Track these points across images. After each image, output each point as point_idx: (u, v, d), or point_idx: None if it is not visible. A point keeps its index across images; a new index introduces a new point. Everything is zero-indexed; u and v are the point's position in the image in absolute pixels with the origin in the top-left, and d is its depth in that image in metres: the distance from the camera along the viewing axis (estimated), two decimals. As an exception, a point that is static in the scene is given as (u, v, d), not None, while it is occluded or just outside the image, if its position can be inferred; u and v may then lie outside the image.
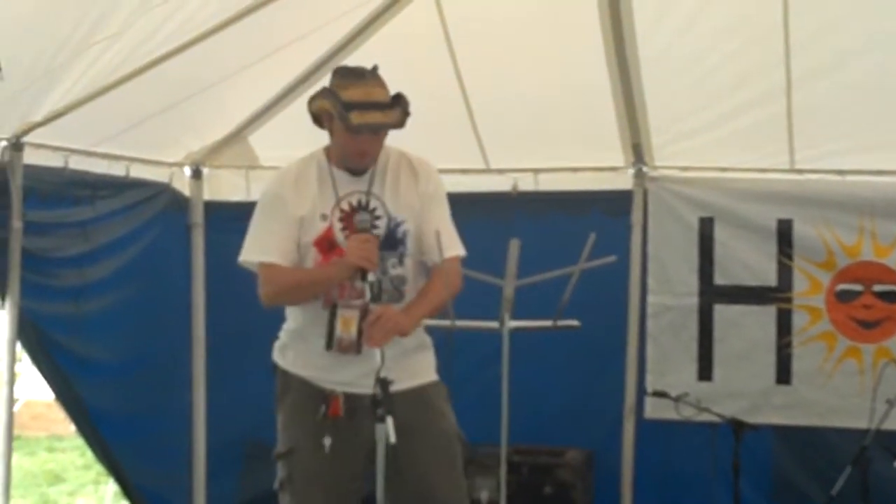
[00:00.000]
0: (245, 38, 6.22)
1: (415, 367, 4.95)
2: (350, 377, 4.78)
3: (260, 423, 5.51)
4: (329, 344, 4.75)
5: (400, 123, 4.71)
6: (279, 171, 5.00)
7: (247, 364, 6.74)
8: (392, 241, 4.85)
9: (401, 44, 6.57)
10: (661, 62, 6.70)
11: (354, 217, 4.77)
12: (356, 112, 4.61)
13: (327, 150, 4.90)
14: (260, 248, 4.85)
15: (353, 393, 4.80)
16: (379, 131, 4.72)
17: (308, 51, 6.81)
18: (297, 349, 4.98)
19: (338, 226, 4.81)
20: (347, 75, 4.73)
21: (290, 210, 4.81)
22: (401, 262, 4.88)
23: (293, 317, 4.99)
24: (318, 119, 4.85)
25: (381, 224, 4.82)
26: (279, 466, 4.99)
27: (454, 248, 4.86)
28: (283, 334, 5.06)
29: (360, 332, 4.64)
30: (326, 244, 4.81)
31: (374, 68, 4.75)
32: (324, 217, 4.82)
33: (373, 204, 4.82)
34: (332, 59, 6.83)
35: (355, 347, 4.69)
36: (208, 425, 7.95)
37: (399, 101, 4.71)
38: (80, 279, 7.05)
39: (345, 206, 4.83)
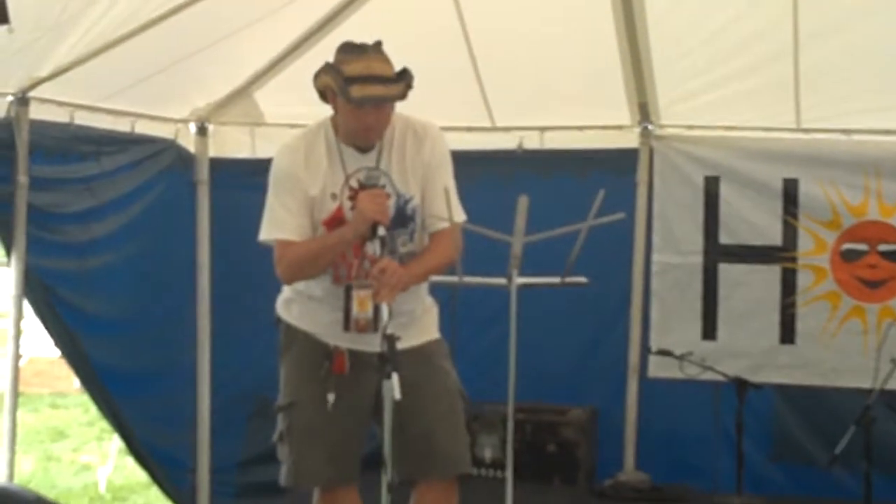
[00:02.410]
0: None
1: (419, 326, 5.01)
2: (353, 335, 4.82)
3: (264, 380, 5.55)
4: (347, 325, 4.78)
5: (402, 96, 4.71)
6: (288, 144, 4.98)
7: (251, 321, 6.77)
8: (402, 218, 4.88)
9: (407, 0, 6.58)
10: (668, 21, 6.70)
11: (362, 176, 4.80)
12: (357, 85, 4.62)
13: (334, 122, 4.90)
14: (276, 226, 4.86)
15: (357, 350, 4.85)
16: (381, 105, 4.71)
17: (314, 7, 6.81)
18: (302, 305, 5.02)
19: (347, 205, 4.82)
20: (349, 50, 4.73)
21: (304, 186, 4.83)
22: (411, 238, 4.93)
23: (302, 283, 5.01)
24: (324, 95, 4.86)
25: (391, 202, 4.83)
26: (279, 419, 5.04)
27: (457, 214, 4.88)
28: (288, 290, 5.09)
29: (376, 311, 4.66)
30: (336, 224, 4.84)
31: (378, 43, 4.75)
32: (334, 197, 4.84)
33: (381, 181, 4.83)
34: (337, 16, 6.84)
35: (372, 326, 4.71)
36: (213, 382, 7.98)
37: (404, 76, 4.72)
38: (86, 235, 7.06)
39: (353, 183, 4.84)
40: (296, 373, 5.03)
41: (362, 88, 4.62)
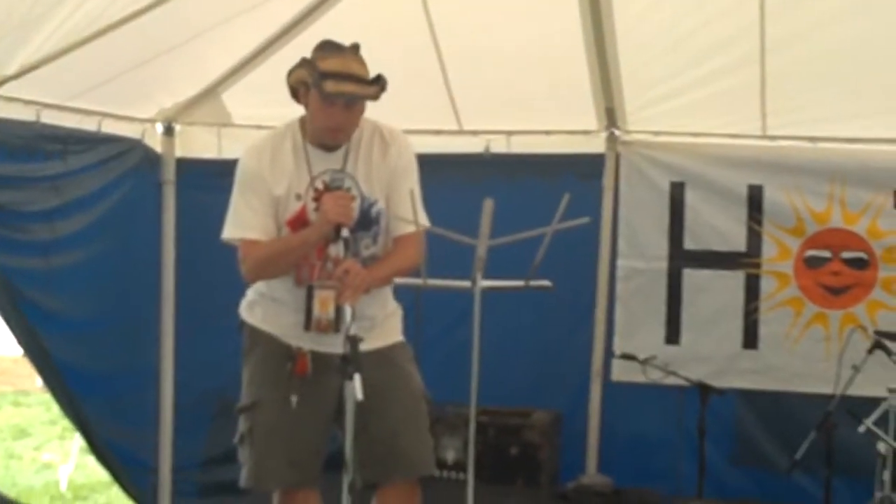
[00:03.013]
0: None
1: (382, 329, 5.03)
2: (318, 336, 4.84)
3: (228, 381, 5.54)
4: (307, 324, 4.80)
5: (374, 97, 4.74)
6: (254, 144, 4.99)
7: (216, 323, 6.74)
8: (366, 221, 4.90)
9: (375, 1, 6.59)
10: (635, 26, 6.74)
11: (327, 178, 4.82)
12: (331, 81, 4.64)
13: (302, 123, 4.92)
14: (241, 225, 4.88)
15: (319, 351, 4.86)
16: (353, 102, 4.73)
17: (282, 8, 6.81)
18: (265, 307, 5.04)
19: (311, 206, 4.85)
20: (327, 48, 4.76)
21: (269, 186, 4.84)
22: (374, 241, 4.96)
23: (264, 283, 5.02)
24: (296, 92, 4.87)
25: (355, 205, 4.85)
26: (241, 420, 5.05)
27: (421, 218, 4.90)
28: (252, 293, 5.11)
29: (337, 311, 4.68)
30: (300, 224, 4.86)
31: (355, 46, 4.77)
32: (298, 197, 4.86)
33: (346, 184, 4.85)
34: (306, 18, 6.84)
35: (333, 326, 4.73)
36: (176, 382, 7.97)
37: (378, 80, 4.75)
38: (51, 234, 7.03)
39: (319, 185, 4.86)
40: (258, 374, 5.04)
41: (337, 84, 4.65)
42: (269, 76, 7.03)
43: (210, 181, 7.28)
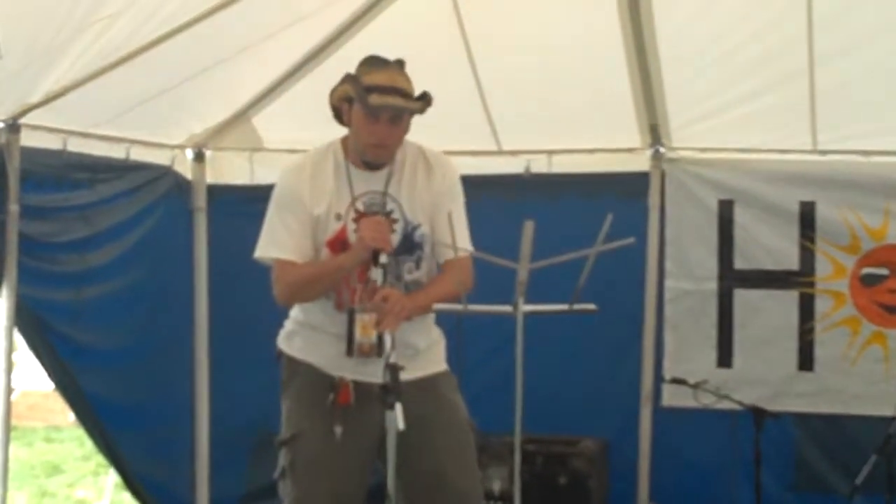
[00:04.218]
0: (249, 16, 6.24)
1: (425, 358, 5.01)
2: (359, 365, 4.80)
3: (266, 412, 5.55)
4: (350, 350, 4.75)
5: (420, 110, 4.75)
6: (294, 163, 4.99)
7: (251, 352, 6.75)
8: (409, 245, 4.89)
9: (409, 20, 6.62)
10: (679, 40, 6.72)
11: (365, 194, 4.82)
12: (376, 94, 4.65)
13: (344, 143, 4.91)
14: (276, 244, 4.86)
15: (362, 381, 4.83)
16: (398, 118, 4.72)
17: (313, 30, 6.83)
18: (305, 337, 5.01)
19: (352, 227, 4.82)
20: (372, 62, 4.77)
21: (307, 207, 4.83)
22: (417, 266, 4.94)
23: (302, 310, 5.01)
24: (339, 112, 4.87)
25: (398, 228, 4.86)
26: (281, 454, 5.00)
27: (463, 243, 4.89)
28: (291, 323, 5.09)
29: (380, 336, 4.66)
30: (339, 245, 4.84)
31: (401, 62, 4.79)
32: (338, 217, 4.84)
33: (389, 206, 4.85)
34: (337, 39, 6.87)
35: (376, 351, 4.68)
36: (212, 415, 8.00)
37: (424, 97, 4.76)
38: (82, 265, 7.09)
39: (360, 206, 4.85)
40: (299, 405, 5.00)
41: (382, 97, 4.65)
42: (302, 98, 7.10)
43: (242, 207, 7.32)
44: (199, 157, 7.98)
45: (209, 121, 7.72)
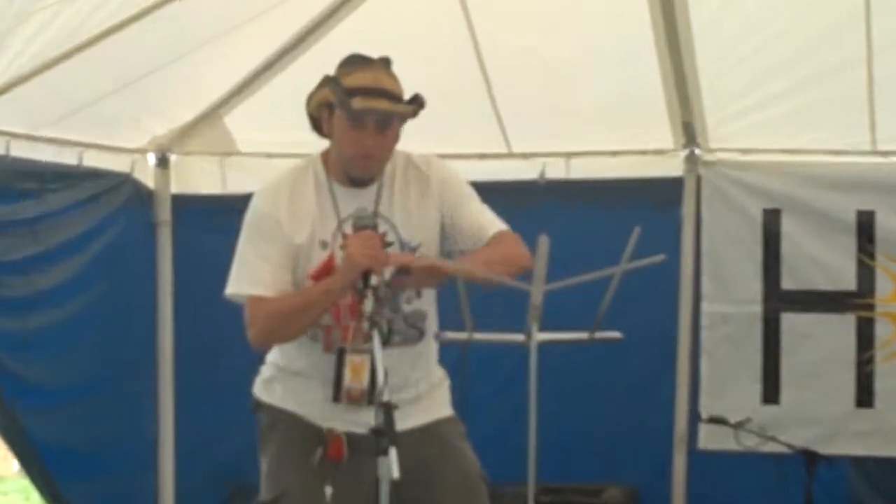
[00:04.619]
0: (220, 1, 6.24)
1: (428, 401, 4.96)
2: (350, 415, 4.73)
3: (241, 458, 5.53)
4: (337, 395, 4.68)
5: (411, 114, 4.69)
6: (270, 184, 4.90)
7: (224, 387, 6.75)
8: (406, 270, 4.84)
9: (403, 5, 6.59)
10: (717, 26, 6.72)
11: (353, 216, 4.77)
12: (360, 97, 4.58)
13: (325, 158, 4.85)
14: (250, 280, 4.76)
15: (356, 433, 4.76)
16: (385, 124, 4.64)
17: (294, 16, 6.82)
18: (286, 383, 4.94)
19: (339, 255, 4.72)
20: (354, 62, 4.70)
21: (286, 235, 4.74)
22: (418, 294, 4.87)
23: (283, 354, 4.94)
24: (318, 122, 4.81)
25: (394, 251, 4.78)
26: (264, 519, 4.98)
27: (497, 225, 4.87)
28: (269, 368, 5.02)
29: (373, 381, 4.61)
30: (326, 277, 4.77)
31: (386, 60, 4.73)
32: (324, 245, 4.76)
33: (381, 227, 4.77)
34: (321, 26, 6.87)
35: (367, 398, 4.62)
36: (178, 462, 7.97)
37: (415, 100, 4.70)
38: (28, 288, 7.06)
39: (347, 229, 4.78)
40: (282, 462, 4.94)
41: (366, 100, 4.59)
42: (280, 95, 7.08)
43: (212, 221, 7.31)
44: (163, 163, 7.97)
45: (174, 121, 7.71)
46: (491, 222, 4.83)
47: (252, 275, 4.76)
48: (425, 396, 4.93)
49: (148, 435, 7.91)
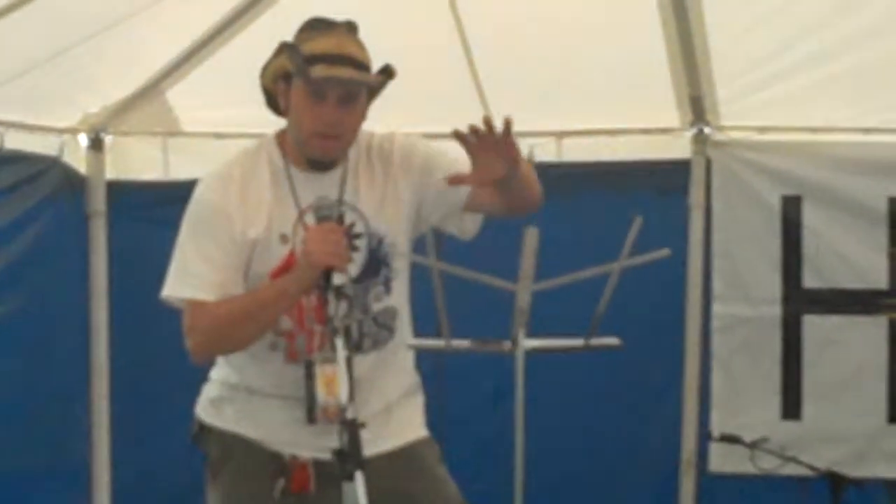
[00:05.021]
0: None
1: (400, 418, 4.95)
2: (317, 438, 4.65)
3: (187, 493, 5.52)
4: (311, 416, 4.56)
5: (378, 85, 4.67)
6: (217, 172, 4.84)
7: (167, 404, 6.75)
8: (374, 264, 4.81)
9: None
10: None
11: (315, 206, 4.75)
12: (322, 65, 4.55)
13: (282, 139, 4.81)
14: (190, 281, 4.70)
15: (323, 460, 4.69)
16: (350, 96, 4.61)
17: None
18: (240, 404, 4.89)
19: (301, 248, 4.66)
20: (315, 25, 4.67)
21: (238, 229, 4.68)
22: (387, 289, 4.86)
23: (234, 369, 4.89)
24: (273, 96, 4.79)
25: (362, 245, 4.78)
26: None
27: None
28: (216, 387, 4.98)
29: (351, 392, 4.54)
30: None
31: (351, 24, 4.70)
32: (284, 239, 4.72)
33: (349, 217, 4.77)
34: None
35: (343, 415, 4.57)
36: (113, 489, 7.96)
37: (384, 71, 4.67)
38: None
39: (310, 220, 4.75)
40: (236, 497, 4.91)
41: (328, 68, 4.54)
42: (230, 66, 7.07)
43: (153, 211, 7.33)
44: (97, 145, 7.96)
45: (109, 97, 7.70)
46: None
47: (192, 276, 4.69)
48: (396, 408, 4.92)
49: (80, 463, 7.90)
